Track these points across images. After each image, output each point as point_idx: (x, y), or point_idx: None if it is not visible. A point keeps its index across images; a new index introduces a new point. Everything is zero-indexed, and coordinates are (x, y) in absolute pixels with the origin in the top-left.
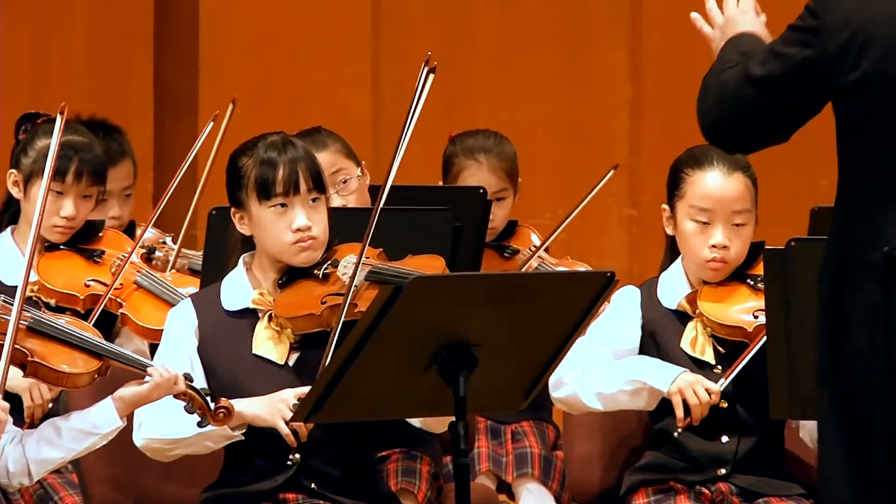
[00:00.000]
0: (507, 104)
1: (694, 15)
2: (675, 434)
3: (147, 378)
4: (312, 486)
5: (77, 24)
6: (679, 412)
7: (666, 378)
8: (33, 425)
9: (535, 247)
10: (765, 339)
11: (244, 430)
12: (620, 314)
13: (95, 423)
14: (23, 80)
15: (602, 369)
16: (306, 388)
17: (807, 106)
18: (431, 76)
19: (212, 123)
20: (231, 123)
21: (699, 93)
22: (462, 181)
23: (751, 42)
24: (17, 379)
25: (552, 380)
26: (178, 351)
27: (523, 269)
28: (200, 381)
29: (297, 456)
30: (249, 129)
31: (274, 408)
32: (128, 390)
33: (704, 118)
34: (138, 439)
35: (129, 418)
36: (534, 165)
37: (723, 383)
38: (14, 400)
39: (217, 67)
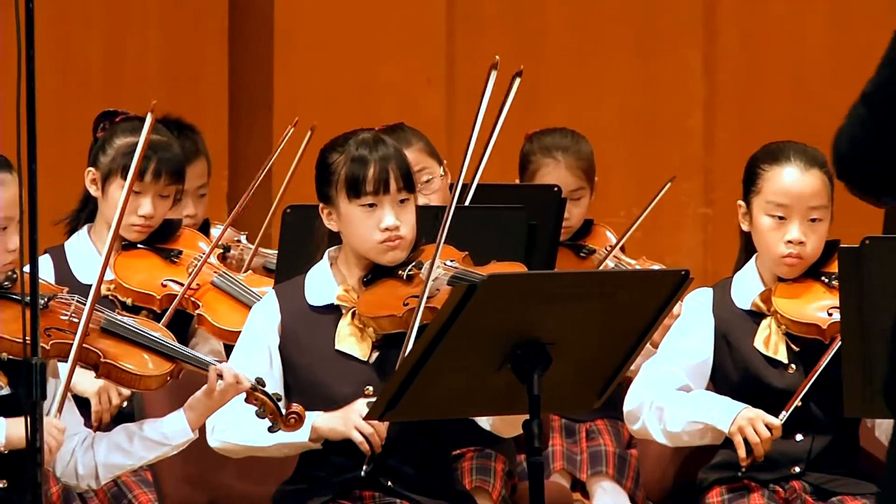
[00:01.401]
0: (581, 103)
1: None
2: (739, 474)
3: (219, 383)
4: (388, 483)
5: (151, 23)
6: (741, 452)
7: (727, 417)
8: (100, 429)
9: (610, 246)
10: (835, 350)
11: (321, 442)
12: (691, 325)
13: (167, 434)
14: (96, 79)
15: (668, 406)
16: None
17: None
18: (517, 80)
19: (292, 129)
20: (305, 122)
21: None
22: (539, 179)
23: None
24: (86, 382)
25: (626, 411)
26: (258, 346)
27: (599, 268)
28: (277, 380)
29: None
30: (323, 127)
31: (348, 419)
32: (198, 400)
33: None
34: (212, 441)
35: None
36: (608, 164)
37: (784, 416)
38: (84, 402)
39: (291, 66)
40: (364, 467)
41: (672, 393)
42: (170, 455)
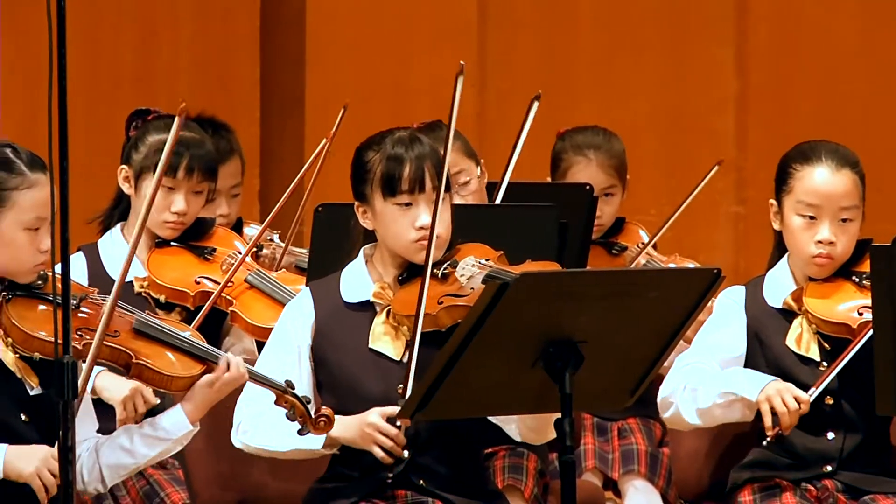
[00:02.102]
0: (612, 101)
1: None
2: (764, 444)
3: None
4: (421, 482)
5: (182, 22)
6: (767, 420)
7: (755, 387)
8: None
9: (643, 243)
10: (864, 339)
11: (338, 447)
12: (724, 321)
13: (166, 428)
14: (128, 78)
15: (700, 385)
16: (391, 409)
17: None
18: (535, 104)
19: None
20: (338, 128)
21: None
22: (571, 178)
23: None
24: (114, 390)
25: (660, 399)
26: (287, 345)
27: (631, 266)
28: (305, 381)
29: (406, 453)
30: (355, 126)
31: (364, 433)
32: (199, 391)
33: None
34: (236, 440)
35: (229, 416)
36: (640, 162)
37: (813, 392)
38: (106, 407)
39: (323, 65)
40: (389, 474)
41: (705, 375)
42: (174, 450)
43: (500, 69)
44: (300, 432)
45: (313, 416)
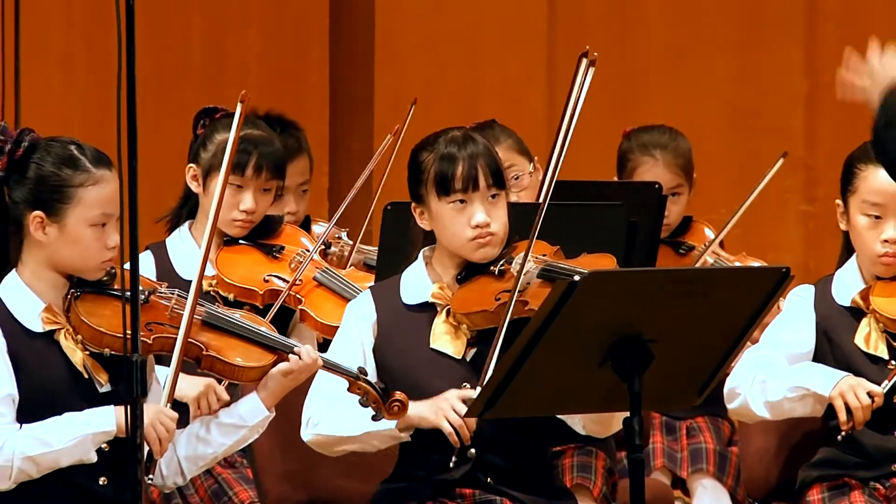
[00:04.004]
0: (681, 100)
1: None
2: (839, 438)
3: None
4: (488, 480)
5: (252, 21)
6: (842, 416)
7: (828, 382)
8: None
9: (709, 242)
10: None
11: (411, 432)
12: (793, 317)
13: (242, 415)
14: (196, 77)
15: (770, 378)
16: (469, 392)
17: None
18: (592, 69)
19: (391, 137)
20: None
21: (875, 142)
22: (637, 177)
23: None
24: (186, 388)
25: (726, 390)
26: (353, 343)
27: (698, 265)
28: (373, 374)
29: (474, 451)
30: (424, 126)
31: (438, 408)
32: (273, 379)
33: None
34: (306, 434)
35: (298, 414)
36: (709, 161)
37: (886, 385)
38: (180, 406)
39: (392, 64)
40: (453, 458)
41: (775, 368)
42: (250, 438)
43: (568, 68)
44: (374, 418)
45: (387, 401)
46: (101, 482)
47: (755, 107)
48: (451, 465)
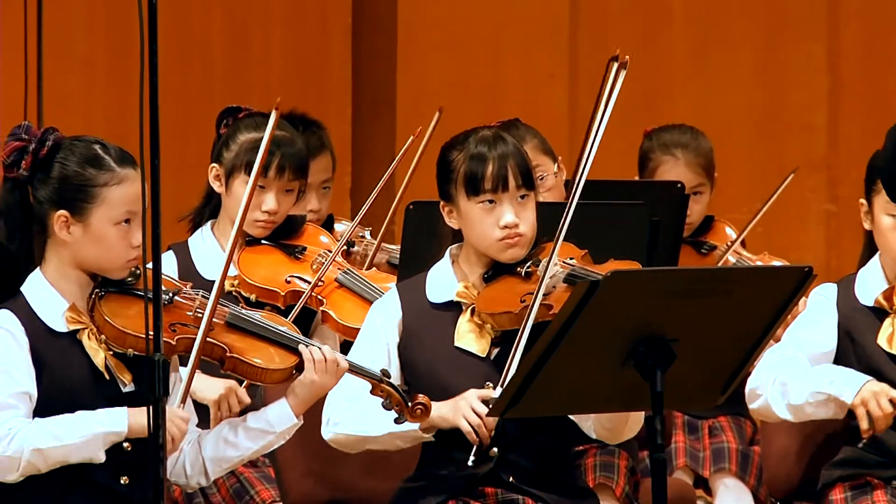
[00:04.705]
0: (703, 99)
1: None
2: (860, 445)
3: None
4: (511, 479)
5: (275, 20)
6: (863, 424)
7: (850, 388)
8: None
9: (731, 242)
10: None
11: (434, 433)
12: (815, 316)
13: (271, 421)
14: (219, 76)
15: (791, 380)
16: (489, 391)
17: None
18: (623, 72)
19: (413, 138)
20: (428, 119)
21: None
22: (658, 177)
23: None
24: (207, 390)
25: (747, 389)
26: (378, 342)
27: (719, 264)
28: (396, 375)
29: (496, 450)
30: (447, 124)
31: (457, 406)
32: (301, 385)
33: None
34: (326, 433)
35: (320, 413)
36: (731, 160)
37: None
38: (201, 408)
39: (414, 63)
40: (471, 457)
41: (796, 369)
42: (277, 444)
43: (591, 67)
44: (397, 421)
45: (410, 404)
46: (122, 482)
47: (777, 105)
48: (470, 463)
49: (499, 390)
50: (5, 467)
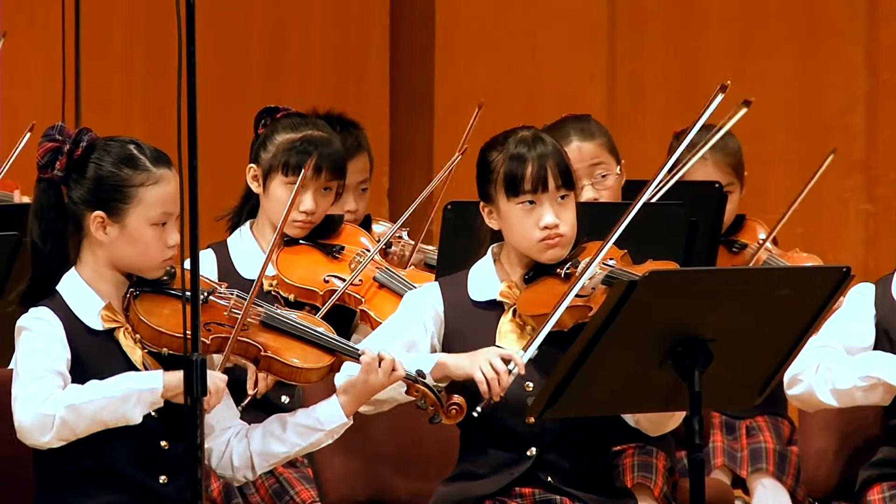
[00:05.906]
0: (742, 98)
1: None
2: None
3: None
4: (549, 479)
5: (313, 20)
6: None
7: None
8: (253, 404)
9: (762, 240)
10: None
11: (447, 383)
12: (854, 313)
13: (320, 418)
14: (257, 76)
15: (837, 365)
16: (509, 351)
17: None
18: (720, 95)
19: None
20: (467, 118)
21: None
22: (687, 177)
23: None
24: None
25: (787, 377)
26: (413, 321)
27: (751, 263)
28: (428, 344)
29: (534, 449)
30: (485, 125)
31: (477, 358)
32: (352, 385)
33: None
34: None
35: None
36: (769, 161)
37: None
38: (234, 386)
39: (453, 64)
40: (477, 408)
41: (840, 356)
42: (324, 443)
43: (629, 67)
44: (431, 421)
45: (445, 404)
46: (161, 481)
47: (815, 106)
48: (475, 414)
49: (521, 353)
50: (39, 426)
